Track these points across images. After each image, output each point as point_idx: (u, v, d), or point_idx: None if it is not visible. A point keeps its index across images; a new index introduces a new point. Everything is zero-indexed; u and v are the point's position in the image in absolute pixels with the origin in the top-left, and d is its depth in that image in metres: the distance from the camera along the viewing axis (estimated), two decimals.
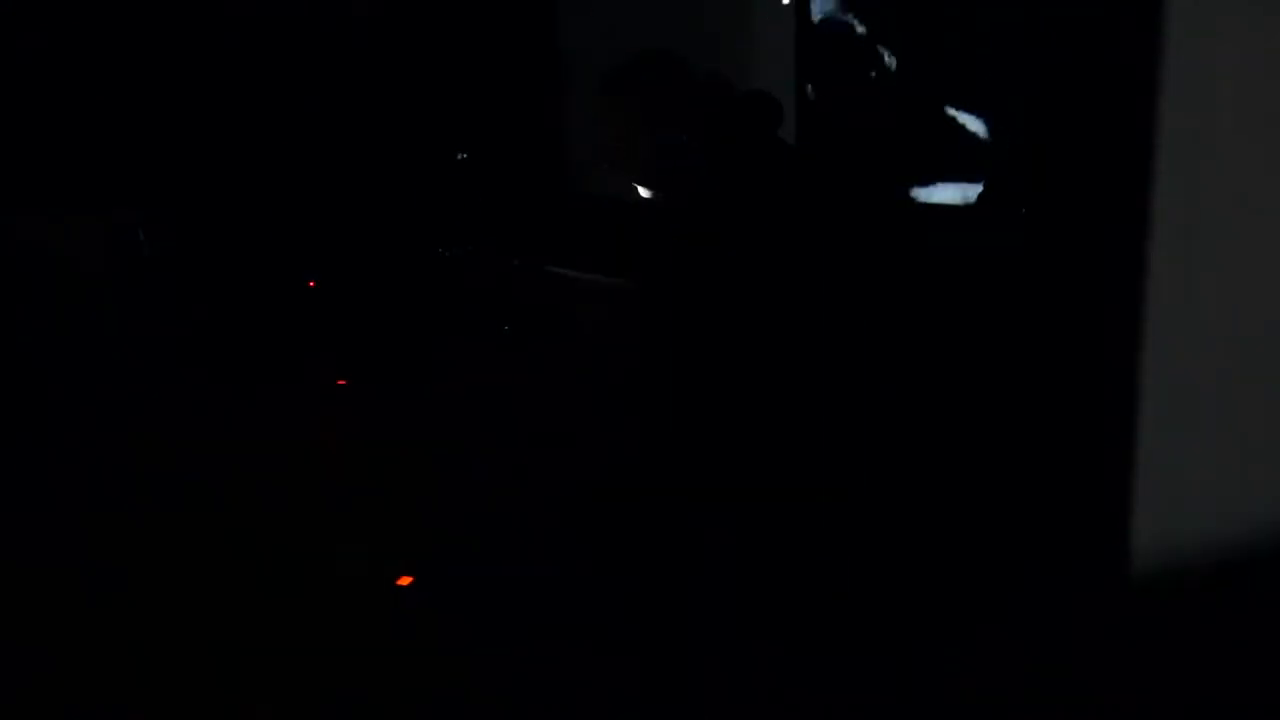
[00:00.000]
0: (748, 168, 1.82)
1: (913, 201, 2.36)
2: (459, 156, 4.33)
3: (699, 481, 1.90)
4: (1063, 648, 1.65)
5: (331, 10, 5.06)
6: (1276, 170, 1.42)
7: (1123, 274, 1.47)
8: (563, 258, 2.01)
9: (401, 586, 2.30)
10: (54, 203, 4.69)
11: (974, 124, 2.14)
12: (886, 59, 2.14)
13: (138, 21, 4.91)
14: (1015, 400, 1.94)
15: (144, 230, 4.60)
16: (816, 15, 2.46)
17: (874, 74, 2.16)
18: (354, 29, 5.10)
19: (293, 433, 3.69)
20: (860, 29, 2.19)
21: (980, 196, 2.14)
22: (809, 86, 2.43)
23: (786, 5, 2.91)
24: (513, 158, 5.45)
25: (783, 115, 1.95)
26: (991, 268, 2.05)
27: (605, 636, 2.03)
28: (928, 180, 2.28)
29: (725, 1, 3.55)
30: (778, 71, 3.09)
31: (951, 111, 2.21)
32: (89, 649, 2.13)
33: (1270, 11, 1.34)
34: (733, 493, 1.85)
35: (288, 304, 4.59)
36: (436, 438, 3.54)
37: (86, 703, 1.94)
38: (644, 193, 2.02)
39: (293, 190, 4.65)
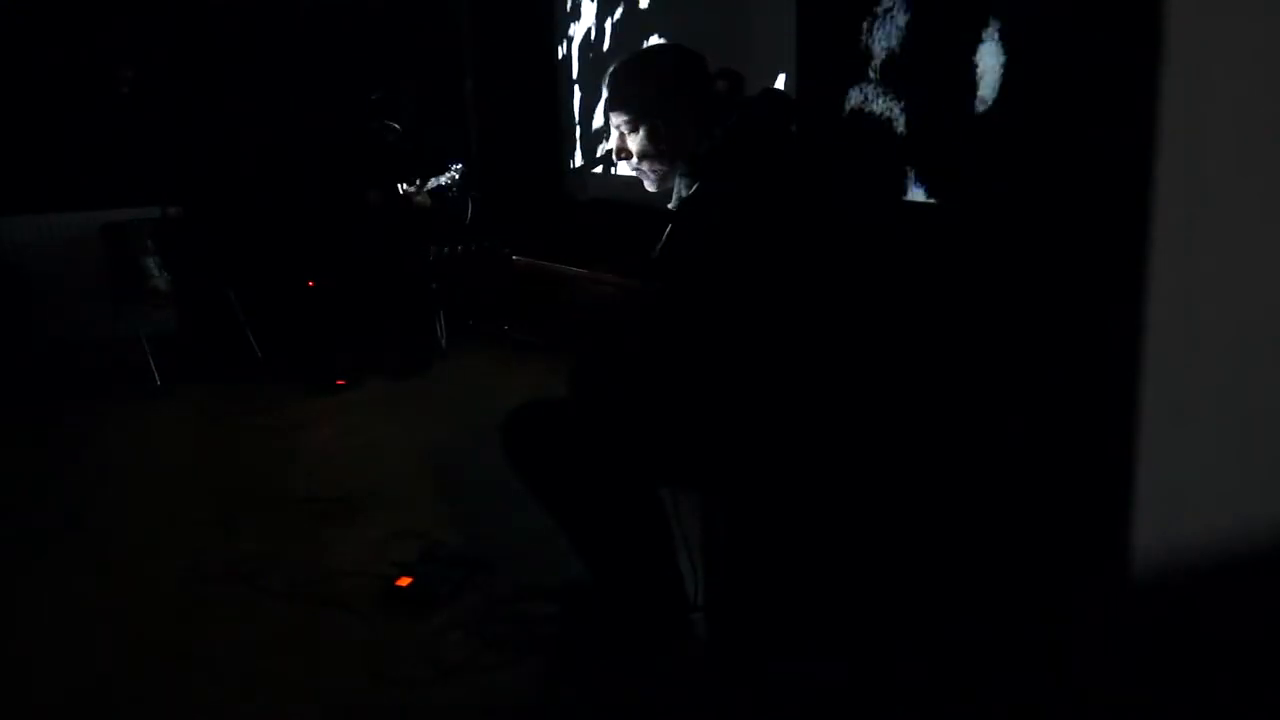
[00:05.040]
0: (760, 165, 1.80)
1: (914, 200, 2.35)
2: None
3: (696, 477, 1.90)
4: (1063, 648, 1.65)
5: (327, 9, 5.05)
6: (1278, 168, 1.41)
7: (1123, 273, 1.46)
8: (563, 255, 2.00)
9: (400, 587, 2.30)
10: (55, 202, 4.70)
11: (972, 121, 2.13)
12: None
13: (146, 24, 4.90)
14: (1015, 400, 1.93)
15: (148, 228, 4.60)
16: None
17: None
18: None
19: (292, 431, 3.69)
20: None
21: (978, 195, 2.13)
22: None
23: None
24: (515, 155, 5.46)
25: (794, 112, 1.93)
26: (992, 267, 2.05)
27: (603, 638, 2.03)
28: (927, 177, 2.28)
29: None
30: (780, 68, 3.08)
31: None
32: (88, 645, 2.14)
33: (1271, 11, 1.34)
34: (733, 490, 1.84)
35: (287, 304, 4.59)
36: (437, 436, 3.54)
37: (86, 701, 1.95)
38: (650, 188, 2.01)
39: (293, 191, 4.64)
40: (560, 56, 5.31)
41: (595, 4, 4.81)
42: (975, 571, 1.88)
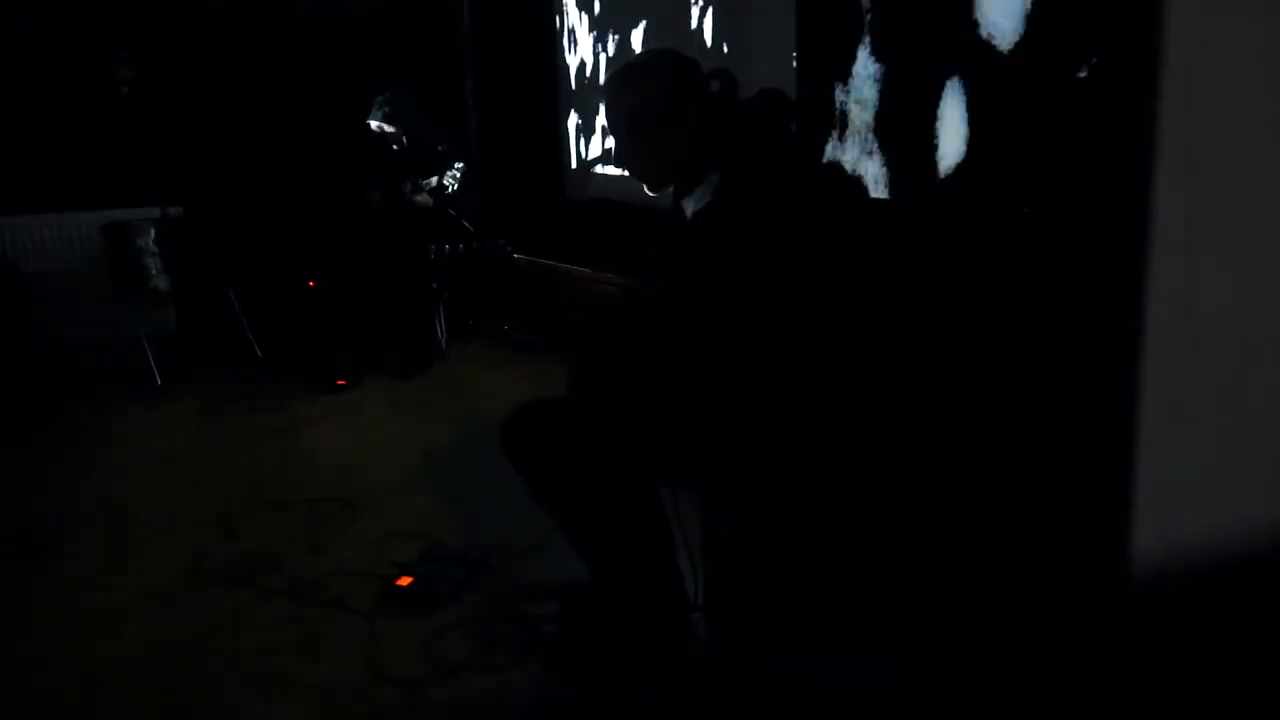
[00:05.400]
0: (760, 165, 1.80)
1: (916, 200, 2.35)
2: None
3: (696, 477, 1.90)
4: (1063, 648, 1.65)
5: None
6: (1278, 168, 1.41)
7: (1123, 273, 1.46)
8: (563, 255, 2.01)
9: (400, 587, 2.30)
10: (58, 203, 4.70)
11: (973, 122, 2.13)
12: None
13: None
14: (1015, 400, 1.93)
15: (149, 228, 4.60)
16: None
17: None
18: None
19: (293, 431, 3.69)
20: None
21: (980, 196, 2.13)
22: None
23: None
24: (515, 155, 5.46)
25: (794, 112, 1.93)
26: (993, 267, 2.05)
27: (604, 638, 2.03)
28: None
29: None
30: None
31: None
32: (88, 644, 2.14)
33: (1271, 11, 1.34)
34: (733, 490, 1.84)
35: (287, 304, 4.59)
36: (437, 436, 3.54)
37: (87, 700, 1.95)
38: (650, 191, 2.01)
39: (293, 191, 4.64)
40: (560, 56, 5.31)
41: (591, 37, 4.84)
42: (975, 571, 1.88)
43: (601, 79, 4.73)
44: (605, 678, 1.96)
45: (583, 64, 4.99)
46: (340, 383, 4.20)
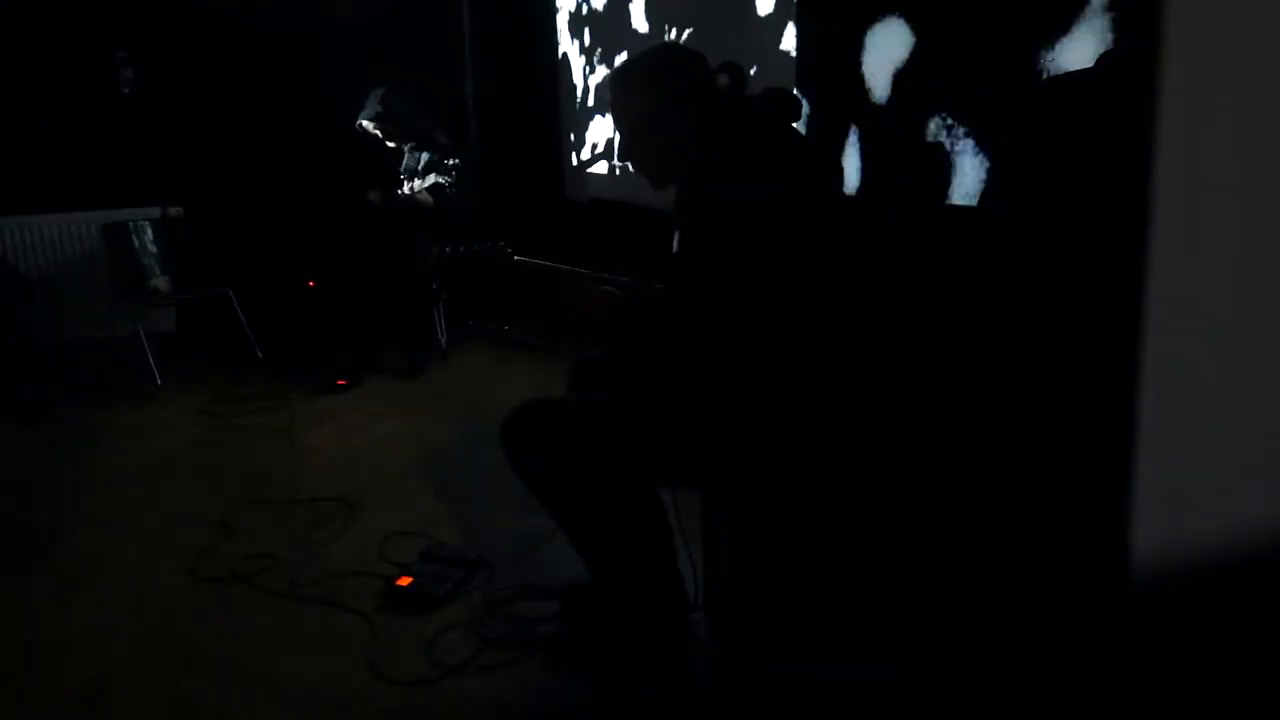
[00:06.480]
0: (765, 162, 1.80)
1: (916, 200, 2.35)
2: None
3: (696, 477, 1.90)
4: (1062, 648, 1.65)
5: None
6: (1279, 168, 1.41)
7: (1123, 273, 1.46)
8: (563, 255, 2.01)
9: (400, 587, 2.30)
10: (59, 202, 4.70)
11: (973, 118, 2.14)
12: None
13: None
14: (1015, 400, 1.93)
15: (149, 228, 4.60)
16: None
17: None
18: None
19: (292, 431, 3.69)
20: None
21: (981, 195, 2.13)
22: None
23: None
24: (515, 155, 5.46)
25: (800, 110, 1.93)
26: (993, 268, 2.05)
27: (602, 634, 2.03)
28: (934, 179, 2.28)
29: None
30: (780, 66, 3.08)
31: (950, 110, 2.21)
32: (88, 644, 2.14)
33: (1271, 11, 1.34)
34: (733, 490, 1.84)
35: (287, 304, 4.59)
36: (437, 436, 3.54)
37: (86, 700, 1.95)
38: (656, 187, 2.01)
39: (293, 191, 4.64)
40: (560, 56, 5.31)
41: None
42: (975, 572, 1.89)
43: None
44: (605, 678, 1.96)
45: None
46: (340, 383, 4.20)
